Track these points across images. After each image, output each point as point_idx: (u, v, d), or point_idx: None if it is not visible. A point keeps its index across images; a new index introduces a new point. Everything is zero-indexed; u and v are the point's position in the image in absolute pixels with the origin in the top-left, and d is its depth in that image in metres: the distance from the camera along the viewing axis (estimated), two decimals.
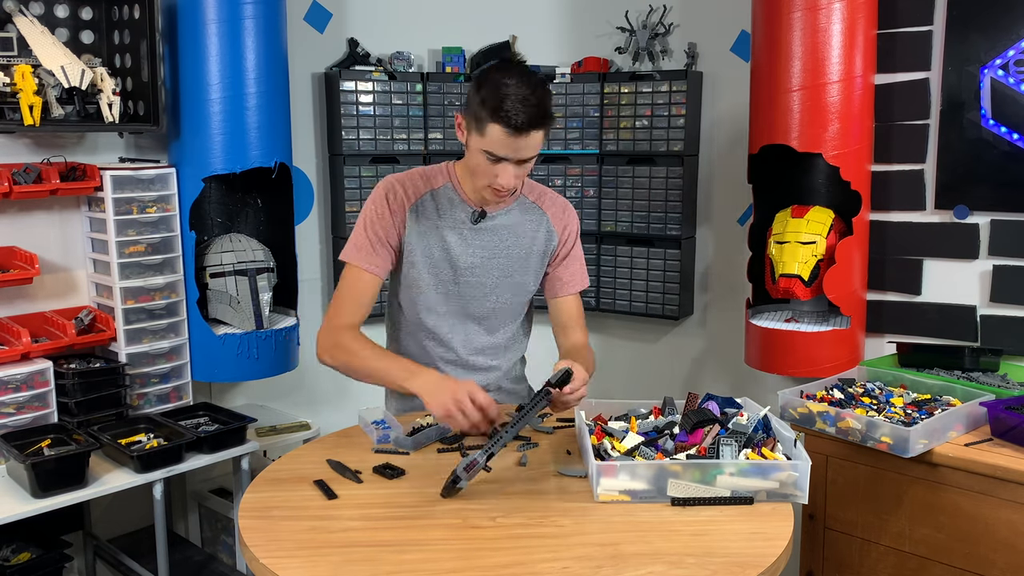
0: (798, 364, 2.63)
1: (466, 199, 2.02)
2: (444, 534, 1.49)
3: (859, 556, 2.27)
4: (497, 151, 1.83)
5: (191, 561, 2.95)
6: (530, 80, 1.82)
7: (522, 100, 1.78)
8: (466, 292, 2.05)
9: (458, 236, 2.02)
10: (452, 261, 2.03)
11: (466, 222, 2.03)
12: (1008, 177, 2.47)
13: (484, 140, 1.83)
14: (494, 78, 1.82)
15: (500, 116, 1.79)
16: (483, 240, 2.04)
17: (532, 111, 1.79)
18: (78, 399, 2.58)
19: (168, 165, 2.82)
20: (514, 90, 1.79)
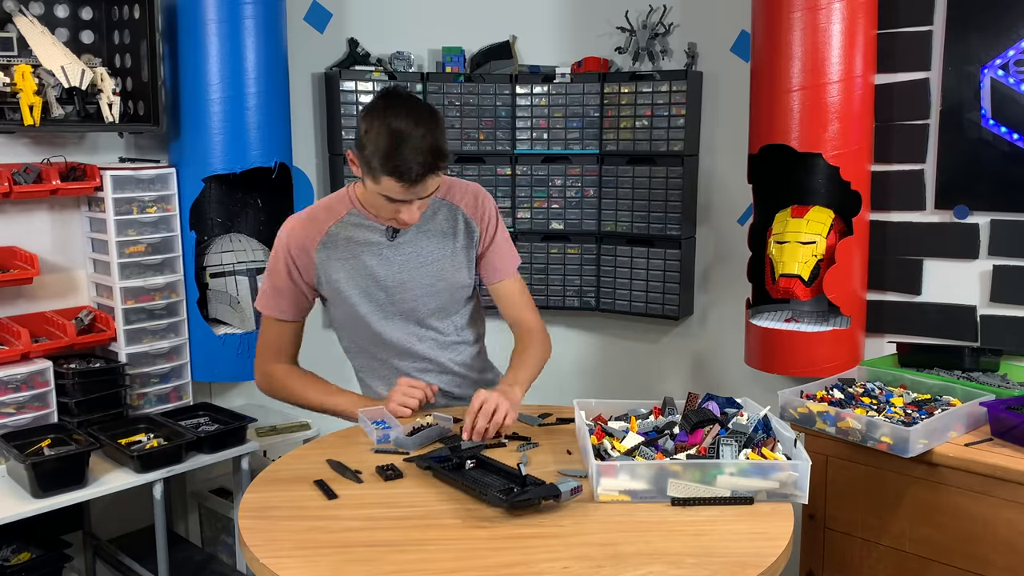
0: (798, 364, 2.63)
1: (374, 219, 2.00)
2: (444, 534, 1.49)
3: (859, 556, 2.27)
4: (397, 196, 1.82)
5: (191, 561, 2.95)
6: (418, 119, 1.77)
7: (413, 149, 1.75)
8: (406, 307, 2.05)
9: (378, 258, 2.01)
10: (381, 283, 2.02)
11: (382, 241, 2.01)
12: (1008, 177, 2.47)
13: (380, 187, 1.81)
14: (382, 123, 1.76)
15: (392, 170, 1.76)
16: (405, 254, 2.03)
17: (426, 159, 1.76)
18: (78, 399, 2.58)
19: (168, 165, 2.82)
20: (404, 137, 1.74)
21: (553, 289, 3.41)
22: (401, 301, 2.04)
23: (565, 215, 3.36)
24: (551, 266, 3.40)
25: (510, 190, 3.38)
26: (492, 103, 3.33)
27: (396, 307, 2.05)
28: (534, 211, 3.38)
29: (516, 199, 3.39)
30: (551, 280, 3.41)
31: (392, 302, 2.04)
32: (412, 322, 2.08)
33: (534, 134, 3.34)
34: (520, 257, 2.21)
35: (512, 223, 3.40)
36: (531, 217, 3.39)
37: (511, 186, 3.38)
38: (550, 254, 3.40)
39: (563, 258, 3.39)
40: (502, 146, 3.36)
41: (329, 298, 2.06)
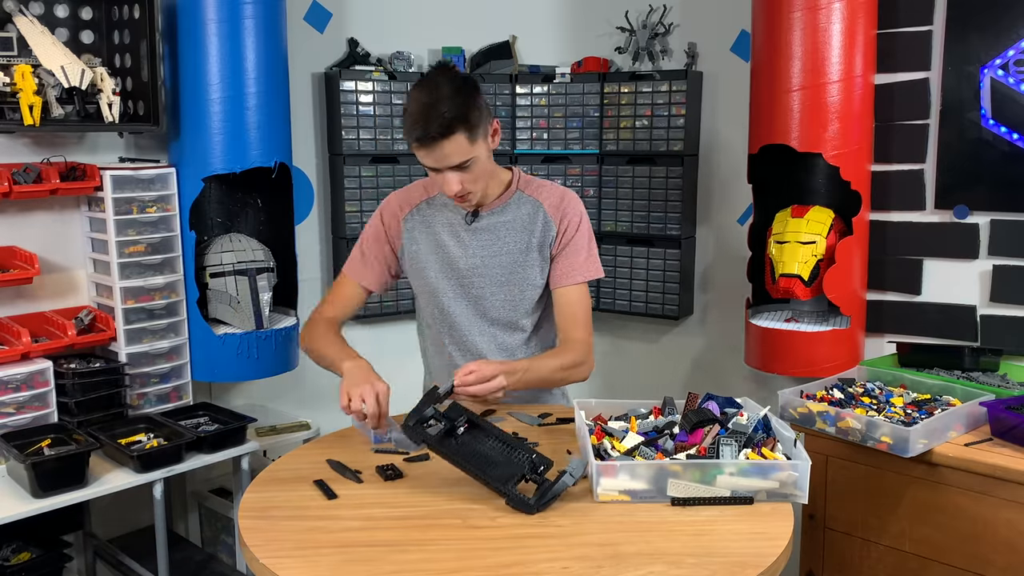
0: (798, 364, 2.63)
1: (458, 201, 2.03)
2: (444, 534, 1.49)
3: (859, 556, 2.27)
4: (425, 163, 1.90)
5: (191, 561, 2.94)
6: (442, 87, 1.82)
7: (422, 113, 1.81)
8: (475, 293, 2.08)
9: (455, 239, 2.06)
10: (453, 264, 2.07)
11: (461, 223, 2.06)
12: (1008, 177, 2.47)
13: (417, 154, 1.90)
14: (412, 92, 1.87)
15: (409, 134, 1.86)
16: (481, 240, 2.06)
17: (433, 122, 1.80)
18: (78, 399, 2.58)
19: (168, 165, 2.82)
20: (415, 105, 1.83)
21: None
22: (470, 286, 2.07)
23: None
24: None
25: None
26: (492, 103, 3.33)
27: (466, 291, 2.08)
28: None
29: None
30: None
31: (463, 285, 2.07)
32: (479, 314, 2.09)
33: (534, 134, 3.34)
34: (603, 271, 2.12)
35: None
36: None
37: None
38: None
39: None
40: (502, 146, 3.36)
41: (409, 269, 2.12)
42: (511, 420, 2.02)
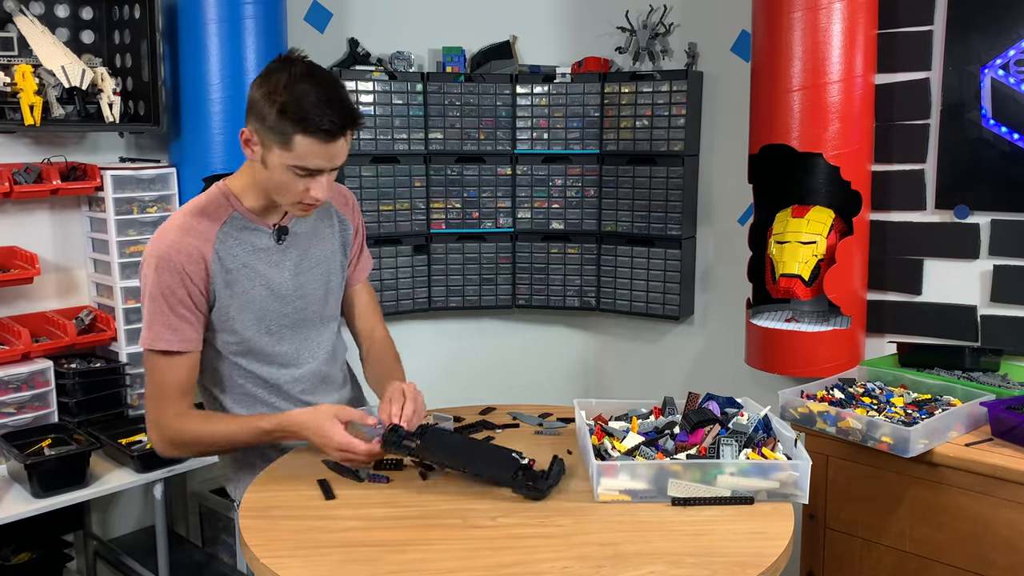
0: (798, 364, 2.63)
1: (258, 222, 1.81)
2: (444, 534, 1.49)
3: (859, 556, 2.27)
4: (309, 163, 1.66)
5: (191, 561, 2.95)
6: (326, 78, 1.67)
7: (328, 102, 1.62)
8: (297, 318, 1.88)
9: (269, 265, 1.82)
10: (275, 293, 1.84)
11: (271, 245, 1.83)
12: (1008, 177, 2.47)
13: (291, 155, 1.65)
14: (287, 84, 1.62)
15: (308, 125, 1.61)
16: (293, 256, 1.86)
17: (344, 111, 1.64)
18: (79, 399, 2.58)
19: (168, 165, 2.82)
20: (316, 93, 1.62)
21: (553, 289, 3.41)
22: (294, 312, 1.87)
23: (565, 215, 3.36)
24: (551, 266, 3.40)
25: (510, 190, 3.38)
26: (492, 103, 3.33)
27: (288, 319, 1.87)
28: (534, 211, 3.38)
29: (516, 199, 3.39)
30: (551, 280, 3.41)
31: (285, 314, 1.86)
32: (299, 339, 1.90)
33: (534, 134, 3.34)
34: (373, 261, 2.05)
35: (512, 223, 3.40)
36: (531, 217, 3.39)
37: (511, 186, 3.38)
38: (550, 254, 3.40)
39: (563, 258, 3.39)
40: (502, 146, 3.36)
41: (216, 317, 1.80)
42: (508, 420, 2.02)
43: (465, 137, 3.33)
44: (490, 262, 3.41)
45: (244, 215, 1.81)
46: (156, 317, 1.73)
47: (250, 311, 1.82)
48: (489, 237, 3.40)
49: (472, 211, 3.37)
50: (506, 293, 3.44)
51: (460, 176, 3.35)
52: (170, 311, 1.73)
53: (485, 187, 3.37)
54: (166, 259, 1.72)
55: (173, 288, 1.72)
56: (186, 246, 1.74)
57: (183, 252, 1.73)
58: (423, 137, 3.32)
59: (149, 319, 1.74)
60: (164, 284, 1.72)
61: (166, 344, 1.73)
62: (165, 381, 1.76)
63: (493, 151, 3.36)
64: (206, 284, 1.76)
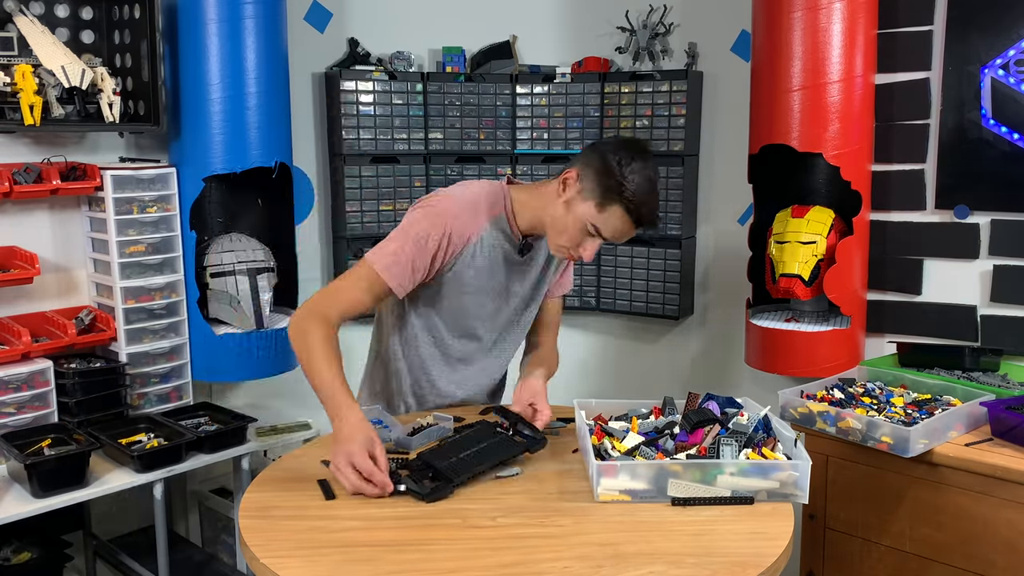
0: (798, 364, 2.63)
1: (515, 229, 1.97)
2: (444, 534, 1.49)
3: (859, 556, 2.27)
4: (605, 232, 1.84)
5: (191, 561, 2.95)
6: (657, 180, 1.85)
7: (654, 203, 1.82)
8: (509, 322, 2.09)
9: (507, 270, 2.02)
10: (503, 292, 2.03)
11: (513, 253, 2.01)
12: (1008, 177, 2.47)
13: (599, 216, 1.81)
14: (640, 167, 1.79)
15: (633, 208, 1.79)
16: (526, 272, 2.06)
17: (656, 215, 1.85)
18: (78, 399, 2.58)
19: (168, 165, 2.82)
20: (651, 186, 1.81)
21: None
22: (511, 311, 2.07)
23: None
24: None
25: None
26: (492, 103, 3.33)
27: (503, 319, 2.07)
28: None
29: None
30: None
31: (498, 312, 2.06)
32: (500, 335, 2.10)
33: (534, 134, 3.34)
34: None
35: None
36: None
37: None
38: None
39: None
40: (502, 146, 3.36)
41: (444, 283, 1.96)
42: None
43: (465, 137, 3.33)
44: None
45: (508, 219, 1.96)
46: (400, 250, 1.87)
47: (479, 296, 1.99)
48: None
49: None
50: None
51: (460, 176, 3.35)
52: (412, 252, 1.87)
53: None
54: (442, 218, 1.89)
55: (429, 241, 1.87)
56: (461, 221, 1.90)
57: (458, 222, 1.90)
58: (423, 137, 3.32)
59: (392, 246, 1.88)
60: (425, 233, 1.87)
61: (389, 275, 1.86)
62: (353, 292, 1.86)
63: (493, 151, 3.36)
64: (455, 256, 1.92)
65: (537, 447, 1.78)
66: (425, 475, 1.67)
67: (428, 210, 1.90)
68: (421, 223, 1.88)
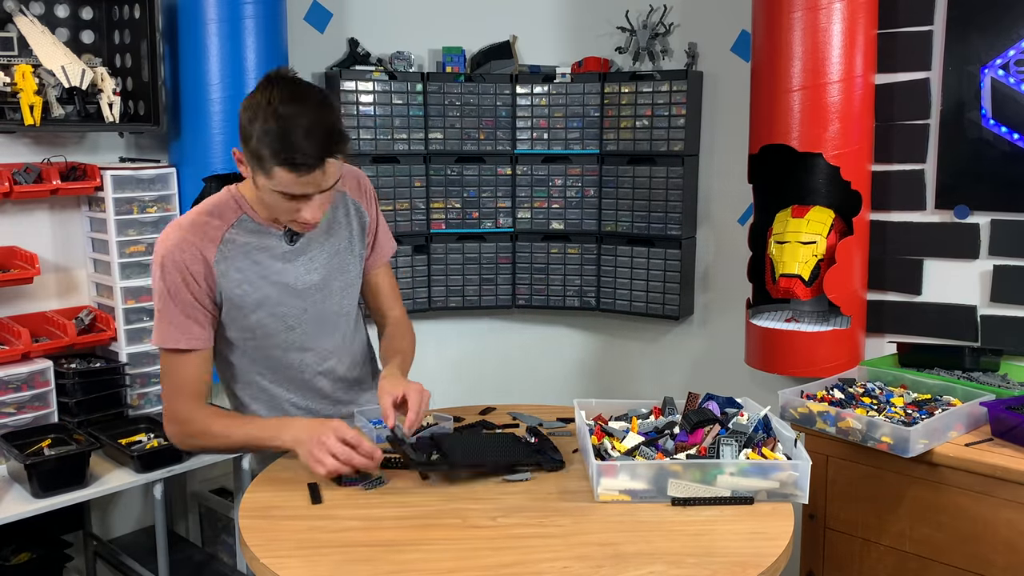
0: (798, 364, 2.63)
1: (269, 224, 1.80)
2: (444, 534, 1.49)
3: (859, 556, 2.27)
4: (292, 191, 1.63)
5: (191, 561, 2.95)
6: (308, 101, 1.60)
7: (305, 133, 1.57)
8: (319, 313, 1.87)
9: (283, 263, 1.81)
10: (292, 289, 1.83)
11: (282, 246, 1.81)
12: (1008, 177, 2.47)
13: (273, 182, 1.62)
14: (268, 108, 1.58)
15: (286, 159, 1.58)
16: (310, 254, 1.85)
17: (321, 143, 1.58)
18: (78, 399, 2.58)
19: (168, 165, 2.82)
20: (293, 121, 1.57)
21: (553, 289, 3.41)
22: (315, 305, 1.86)
23: (565, 215, 3.36)
24: (551, 266, 3.40)
25: (510, 190, 3.38)
26: (492, 103, 3.33)
27: (309, 314, 1.86)
28: (534, 211, 3.38)
29: (516, 199, 3.38)
30: (551, 280, 3.41)
31: (305, 308, 1.85)
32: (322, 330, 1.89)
33: (534, 134, 3.34)
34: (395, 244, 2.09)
35: (512, 223, 3.40)
36: (531, 217, 3.39)
37: (511, 186, 3.38)
38: (550, 254, 3.40)
39: (563, 258, 3.39)
40: (502, 146, 3.36)
41: (226, 319, 1.80)
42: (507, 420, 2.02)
43: (465, 137, 3.33)
44: (490, 262, 3.41)
45: (254, 218, 1.80)
46: (164, 315, 1.75)
47: (265, 308, 1.81)
48: (489, 237, 3.40)
49: (472, 211, 3.38)
50: (506, 293, 3.44)
51: (460, 176, 3.35)
52: (177, 310, 1.74)
53: (485, 187, 3.37)
54: (170, 258, 1.73)
55: (178, 287, 1.73)
56: (189, 245, 1.73)
57: (186, 251, 1.73)
58: (423, 137, 3.32)
59: (158, 317, 1.76)
60: (170, 283, 1.73)
61: (174, 342, 1.75)
62: (178, 377, 1.77)
63: (493, 151, 3.36)
64: (210, 283, 1.75)
65: (551, 466, 1.73)
66: (429, 452, 1.67)
67: (154, 266, 1.76)
68: (156, 281, 1.75)
